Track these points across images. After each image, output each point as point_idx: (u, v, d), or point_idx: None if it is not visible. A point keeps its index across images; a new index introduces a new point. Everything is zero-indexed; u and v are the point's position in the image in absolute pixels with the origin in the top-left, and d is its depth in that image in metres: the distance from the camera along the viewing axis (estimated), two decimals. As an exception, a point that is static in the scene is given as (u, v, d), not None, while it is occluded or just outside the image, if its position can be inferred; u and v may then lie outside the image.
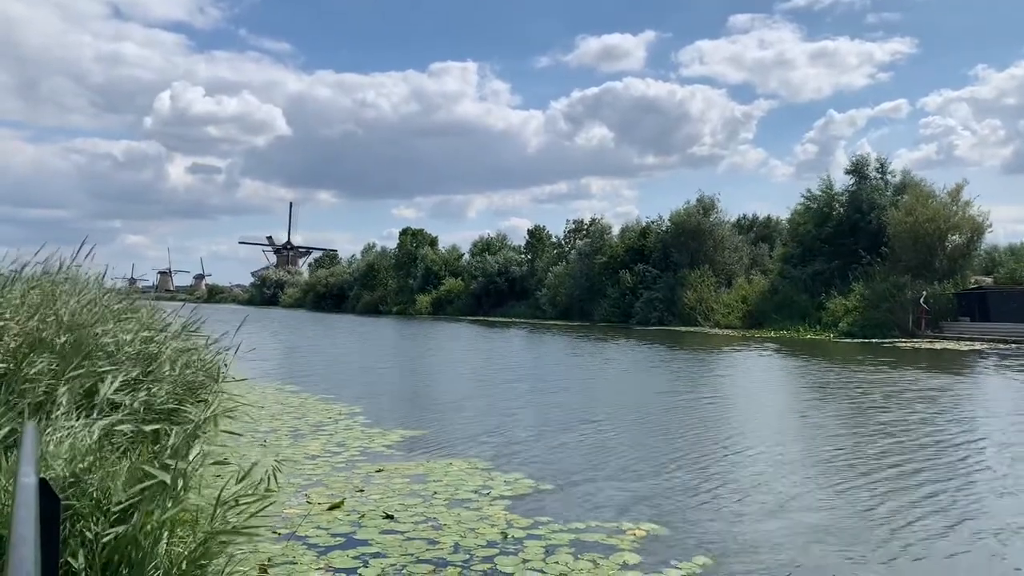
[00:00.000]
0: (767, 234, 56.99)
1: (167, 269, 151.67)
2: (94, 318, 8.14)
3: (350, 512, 6.86)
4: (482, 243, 74.87)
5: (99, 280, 10.21)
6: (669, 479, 8.43)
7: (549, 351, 29.89)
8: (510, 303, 64.85)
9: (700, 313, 46.30)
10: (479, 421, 12.23)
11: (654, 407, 14.00)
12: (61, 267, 9.41)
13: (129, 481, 4.35)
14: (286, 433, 10.75)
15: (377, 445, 10.08)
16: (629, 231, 56.88)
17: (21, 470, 1.92)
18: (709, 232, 51.03)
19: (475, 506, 7.17)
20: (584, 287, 55.26)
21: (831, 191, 46.23)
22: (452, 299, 69.93)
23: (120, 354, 8.20)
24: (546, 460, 9.36)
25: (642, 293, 50.60)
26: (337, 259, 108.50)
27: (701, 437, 11.00)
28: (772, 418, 13.25)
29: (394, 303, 76.09)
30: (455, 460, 9.19)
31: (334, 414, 12.59)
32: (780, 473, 8.82)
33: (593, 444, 10.42)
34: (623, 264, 53.17)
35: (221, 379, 9.01)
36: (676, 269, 50.02)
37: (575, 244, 61.65)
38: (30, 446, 2.25)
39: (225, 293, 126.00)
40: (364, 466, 8.78)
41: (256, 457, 8.60)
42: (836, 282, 41.89)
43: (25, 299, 7.73)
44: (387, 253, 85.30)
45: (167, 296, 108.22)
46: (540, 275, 61.70)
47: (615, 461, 9.33)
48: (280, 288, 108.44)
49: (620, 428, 11.77)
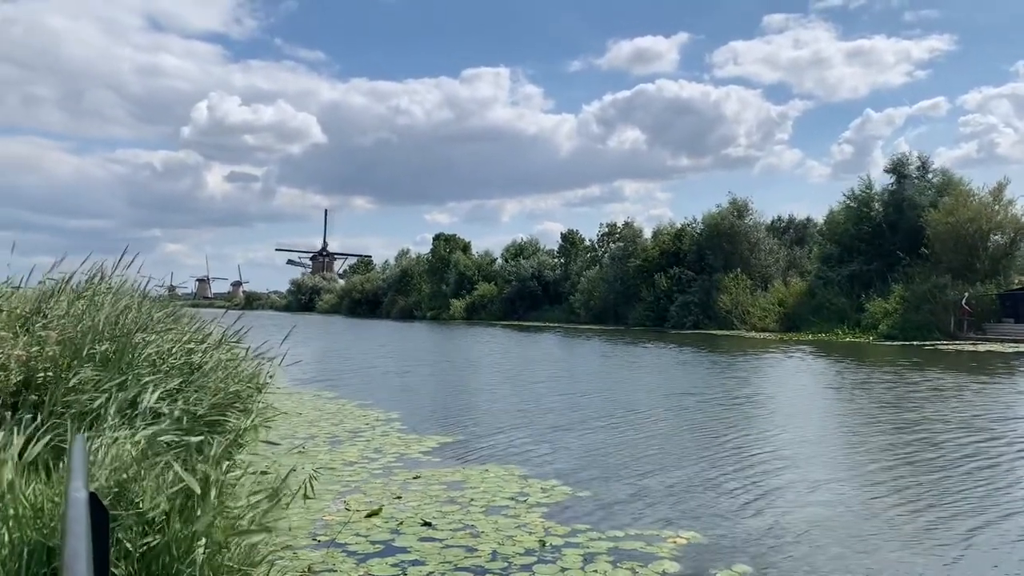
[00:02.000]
0: (803, 236, 56.31)
1: (205, 276, 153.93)
2: (135, 327, 8.28)
3: (388, 519, 6.89)
4: (515, 247, 75.01)
5: (142, 290, 10.39)
6: (709, 485, 8.34)
7: (583, 355, 29.80)
8: (543, 307, 64.82)
9: (736, 316, 45.86)
10: (514, 427, 12.21)
11: (692, 412, 13.88)
12: (104, 277, 9.59)
13: (163, 490, 4.41)
14: (324, 440, 10.83)
15: (413, 451, 10.11)
16: (663, 234, 56.54)
17: (71, 484, 1.95)
18: (744, 234, 50.54)
19: (512, 513, 7.16)
20: (618, 291, 55.05)
21: (870, 191, 45.54)
22: (486, 304, 70.07)
23: (163, 363, 8.34)
24: (583, 466, 9.32)
25: (677, 296, 50.25)
26: (371, 265, 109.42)
27: (740, 443, 10.88)
28: (812, 423, 13.06)
29: (428, 308, 76.44)
30: (491, 466, 9.19)
31: (371, 420, 12.66)
32: (823, 481, 8.68)
33: (630, 450, 10.36)
34: (657, 267, 52.87)
35: (264, 389, 9.10)
36: (711, 272, 49.61)
37: (608, 247, 61.49)
38: (79, 459, 2.28)
39: (262, 299, 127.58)
40: (401, 473, 8.81)
41: (294, 464, 8.68)
42: (875, 284, 41.24)
43: (70, 309, 7.90)
44: (421, 259, 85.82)
45: (205, 303, 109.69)
46: (573, 279, 61.61)
47: (653, 467, 9.26)
48: (316, 294, 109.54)
49: (657, 433, 11.68)
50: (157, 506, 4.30)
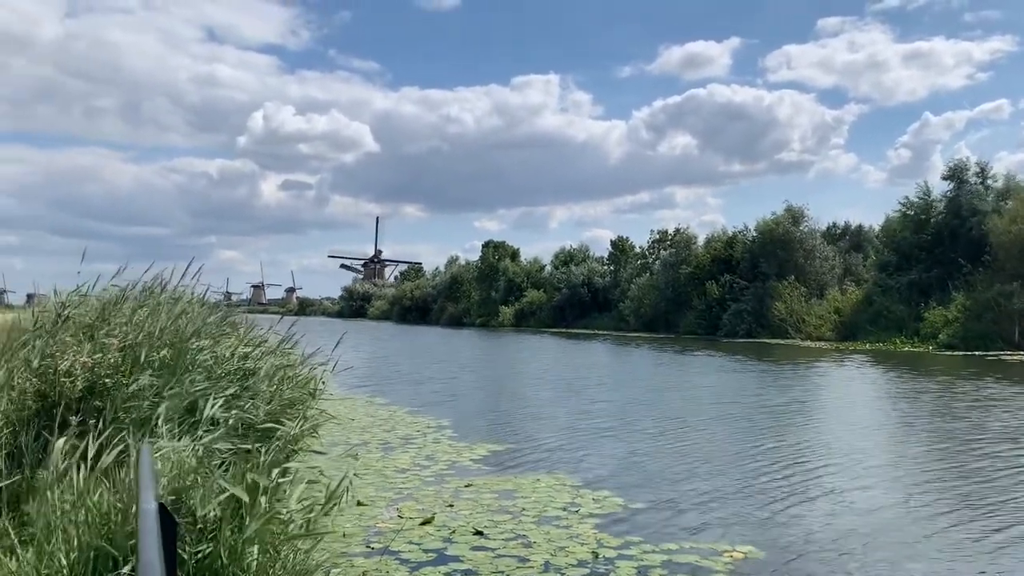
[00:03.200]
0: (859, 243, 55.09)
1: (260, 283, 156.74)
2: (192, 334, 8.45)
3: (441, 527, 6.91)
4: (564, 254, 74.80)
5: (200, 297, 10.60)
6: (765, 498, 8.19)
7: (633, 364, 29.57)
8: (593, 315, 64.48)
9: (791, 325, 45.03)
10: (565, 436, 12.16)
11: (744, 422, 13.65)
12: (165, 285, 9.82)
13: (210, 498, 4.47)
14: (376, 446, 10.92)
15: (465, 459, 10.14)
16: (715, 241, 55.82)
17: (141, 496, 1.97)
18: (799, 242, 49.61)
19: (564, 524, 7.12)
20: (669, 298, 54.48)
21: (929, 197, 44.37)
22: (534, 311, 69.99)
23: (219, 369, 8.49)
24: (635, 477, 9.23)
25: (729, 304, 49.53)
26: (421, 272, 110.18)
27: (797, 455, 10.66)
28: (868, 433, 12.73)
29: (477, 315, 76.66)
30: (542, 476, 9.16)
31: (422, 427, 12.74)
32: (879, 493, 8.46)
33: (683, 460, 10.22)
34: (709, 275, 52.18)
35: (318, 396, 9.21)
36: (764, 280, 48.78)
37: (659, 254, 60.88)
38: (147, 469, 2.32)
39: (315, 306, 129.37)
40: (453, 480, 8.84)
41: (347, 471, 8.76)
42: (935, 292, 40.12)
43: (133, 317, 8.09)
44: (470, 265, 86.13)
45: (260, 309, 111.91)
46: (623, 286, 61.13)
47: (707, 479, 9.13)
48: (367, 301, 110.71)
49: (710, 443, 11.52)
50: (209, 514, 4.37)
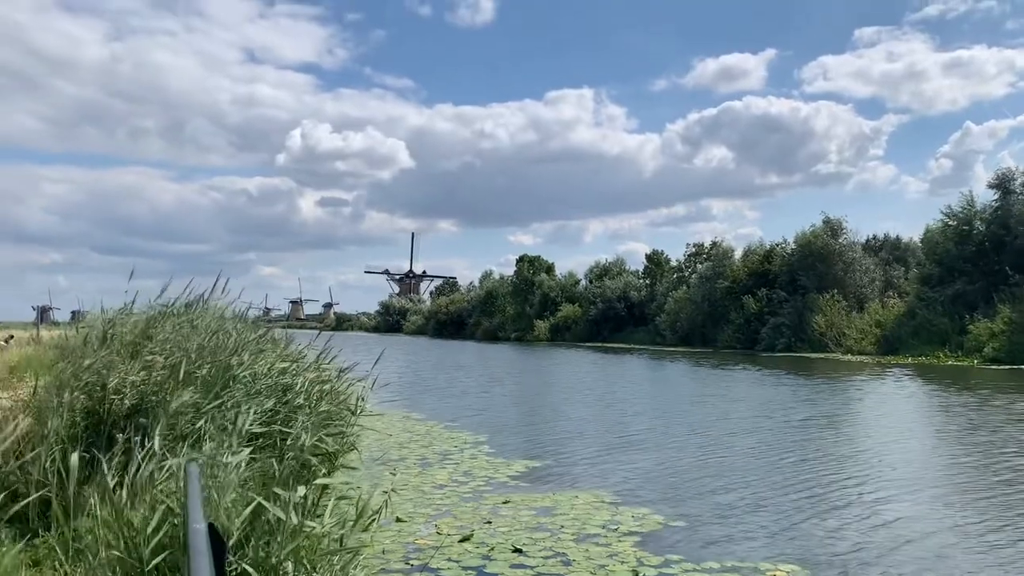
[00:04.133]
0: (900, 255, 54.15)
1: (298, 298, 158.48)
2: (232, 350, 8.56)
3: (479, 544, 6.90)
4: (599, 268, 74.53)
5: (241, 314, 10.76)
6: (807, 515, 8.06)
7: (671, 379, 29.32)
8: (628, 329, 64.15)
9: (831, 339, 44.35)
10: (602, 452, 12.09)
11: (785, 437, 13.45)
12: (206, 303, 9.98)
13: (237, 513, 4.50)
14: (414, 462, 10.96)
15: (502, 475, 10.12)
16: (752, 254, 55.25)
17: (191, 516, 2.00)
18: (838, 254, 48.93)
19: (604, 541, 7.07)
20: (706, 312, 53.99)
21: (972, 208, 43.50)
22: (570, 325, 69.82)
23: (258, 384, 8.59)
24: (674, 493, 9.14)
25: (768, 318, 48.93)
26: (456, 287, 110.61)
27: (838, 471, 10.48)
28: (916, 453, 12.47)
29: (512, 329, 76.68)
30: (580, 492, 9.11)
31: (459, 443, 12.75)
32: (922, 510, 8.27)
33: (723, 476, 10.10)
34: (747, 288, 51.62)
35: (359, 411, 9.27)
36: (804, 293, 48.13)
37: (695, 268, 60.38)
38: (195, 489, 2.35)
39: (352, 321, 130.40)
40: (491, 497, 8.83)
41: (385, 486, 8.80)
42: (980, 304, 39.26)
43: (176, 334, 8.23)
44: (505, 280, 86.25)
45: (298, 325, 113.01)
46: (660, 300, 60.73)
47: (747, 496, 9.00)
48: (403, 316, 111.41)
49: (750, 459, 11.37)
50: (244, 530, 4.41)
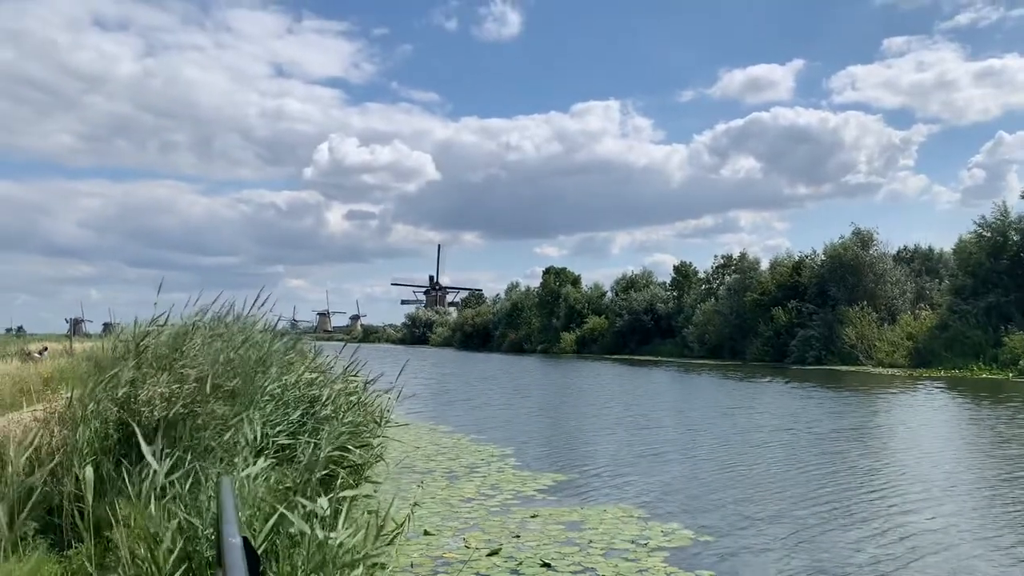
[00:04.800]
0: (932, 266, 53.37)
1: (326, 311, 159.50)
2: (260, 362, 8.62)
3: (508, 559, 6.86)
4: (625, 280, 74.17)
5: (270, 326, 10.83)
6: (837, 530, 7.92)
7: (699, 391, 29.08)
8: (656, 341, 63.76)
9: (861, 351, 43.77)
10: (631, 466, 12.00)
11: (815, 451, 13.26)
12: (238, 315, 10.06)
13: (259, 525, 4.50)
14: (441, 474, 10.94)
15: (529, 489, 10.07)
16: (781, 265, 54.72)
17: (225, 529, 2.00)
18: (869, 266, 48.33)
19: (633, 557, 7.00)
20: (734, 324, 53.52)
21: (1006, 218, 42.81)
22: (596, 337, 69.54)
23: (286, 396, 8.64)
24: (703, 508, 9.04)
25: (797, 330, 48.39)
26: (482, 299, 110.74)
27: (868, 485, 10.30)
28: (944, 466, 12.22)
29: (538, 342, 76.54)
30: (609, 507, 9.04)
31: (486, 456, 12.72)
32: (952, 525, 8.10)
33: (752, 491, 9.97)
34: (776, 300, 51.11)
35: (384, 423, 9.29)
36: (834, 305, 47.57)
37: (723, 280, 59.90)
38: (229, 502, 2.35)
39: (379, 333, 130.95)
40: (519, 511, 8.78)
41: (412, 499, 8.78)
42: (1015, 316, 38.58)
43: (206, 347, 8.30)
44: (530, 292, 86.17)
45: (325, 336, 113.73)
46: (687, 312, 60.30)
47: (777, 509, 8.87)
48: (429, 328, 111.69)
49: (780, 473, 11.21)
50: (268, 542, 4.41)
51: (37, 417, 6.82)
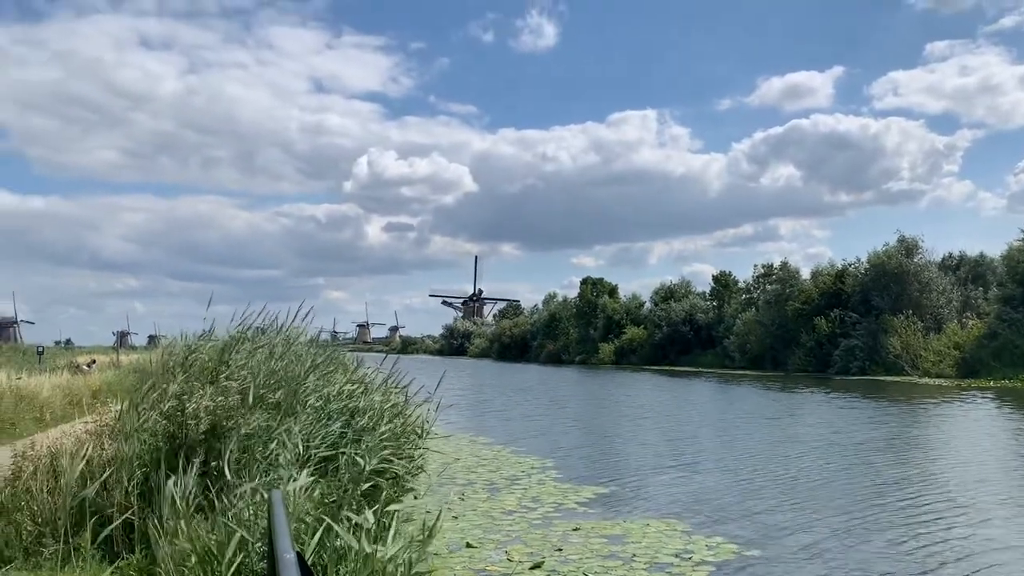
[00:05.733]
0: (979, 273, 52.18)
1: (365, 322, 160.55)
2: (303, 375, 8.68)
3: (551, 572, 6.82)
4: (664, 290, 73.60)
5: (310, 337, 10.92)
6: (885, 547, 7.74)
7: (740, 404, 28.72)
8: (696, 352, 63.14)
9: (906, 361, 42.90)
10: (672, 478, 11.88)
11: (860, 464, 13.00)
12: (279, 329, 10.16)
13: (304, 538, 4.52)
14: (482, 487, 10.93)
15: (570, 502, 10.01)
16: (822, 274, 53.93)
17: (279, 544, 2.01)
18: (913, 274, 47.41)
19: (677, 571, 6.92)
20: (775, 335, 52.78)
21: (1056, 224, 41.70)
22: (635, 348, 69.08)
23: (327, 408, 8.69)
24: (747, 522, 8.90)
25: (840, 340, 47.59)
26: (520, 309, 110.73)
27: (914, 498, 10.06)
28: (992, 479, 11.89)
29: (576, 352, 76.27)
30: (652, 520, 8.95)
31: (527, 468, 12.68)
32: (1002, 537, 7.87)
33: (797, 504, 9.80)
34: (817, 310, 50.32)
35: (425, 435, 9.31)
36: (877, 314, 46.71)
37: (764, 289, 59.17)
38: (281, 516, 2.37)
39: (417, 344, 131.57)
40: (560, 524, 8.73)
41: (454, 511, 8.79)
42: (1068, 325, 37.55)
43: (249, 360, 8.40)
44: (568, 303, 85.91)
45: (365, 348, 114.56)
46: (727, 322, 59.64)
47: (823, 522, 8.70)
48: (467, 339, 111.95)
49: (825, 486, 11.01)
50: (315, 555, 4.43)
51: (88, 430, 6.96)
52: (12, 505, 6.15)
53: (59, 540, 5.48)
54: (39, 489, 6.19)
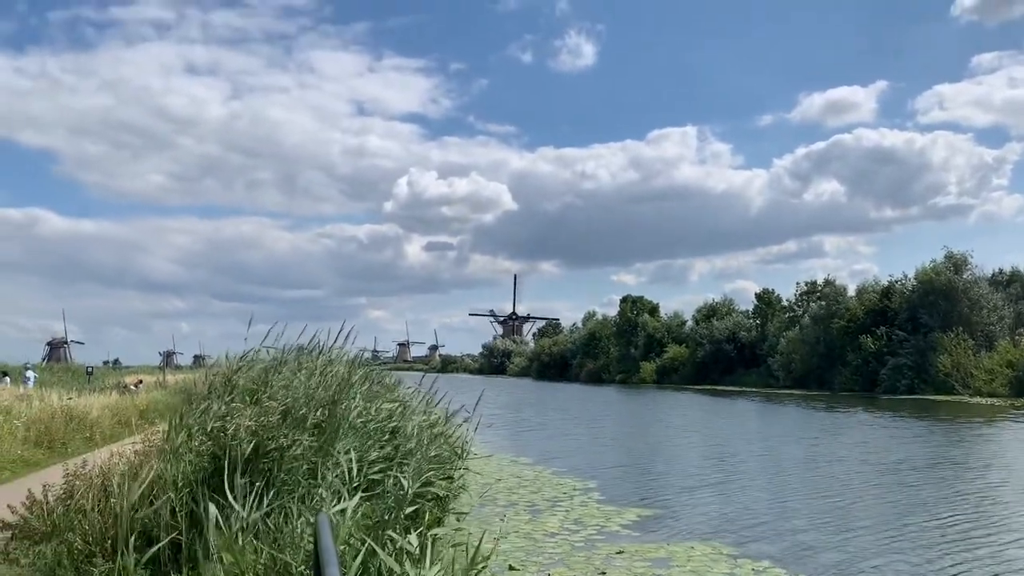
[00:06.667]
0: (1033, 289, 50.83)
1: (405, 341, 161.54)
2: (346, 396, 8.73)
3: (594, 597, 6.74)
4: (706, 308, 72.90)
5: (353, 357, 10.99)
6: (932, 567, 7.51)
7: (786, 424, 28.23)
8: (739, 371, 62.27)
9: (957, 380, 41.83)
10: (716, 501, 11.69)
11: (912, 488, 12.66)
12: (321, 349, 10.24)
13: (363, 564, 4.51)
14: (524, 508, 10.87)
15: (614, 524, 9.90)
16: (868, 292, 52.97)
17: (327, 571, 2.01)
18: (963, 291, 46.34)
19: (724, 597, 6.78)
20: (820, 353, 51.87)
21: (1113, 239, 40.52)
22: (676, 367, 68.37)
23: (370, 429, 8.72)
24: (795, 546, 8.71)
25: (887, 359, 46.61)
26: (559, 328, 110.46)
27: (968, 524, 9.76)
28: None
29: (616, 371, 75.73)
30: (696, 543, 8.80)
31: (568, 489, 12.58)
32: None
33: (845, 528, 9.57)
34: (864, 327, 49.39)
35: (465, 456, 9.31)
36: (926, 332, 45.68)
37: (808, 307, 58.24)
38: (328, 541, 2.37)
39: (456, 363, 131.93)
40: (603, 547, 8.64)
41: (496, 532, 8.73)
42: None
43: (292, 380, 8.47)
44: (608, 321, 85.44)
45: (405, 367, 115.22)
46: (771, 341, 58.78)
47: (874, 549, 8.48)
48: (507, 357, 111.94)
49: (874, 510, 10.74)
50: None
51: (137, 450, 7.07)
52: (64, 524, 6.27)
53: (108, 559, 5.56)
54: (91, 509, 6.30)
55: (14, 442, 13.07)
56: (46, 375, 42.30)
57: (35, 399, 17.49)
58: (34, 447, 13.46)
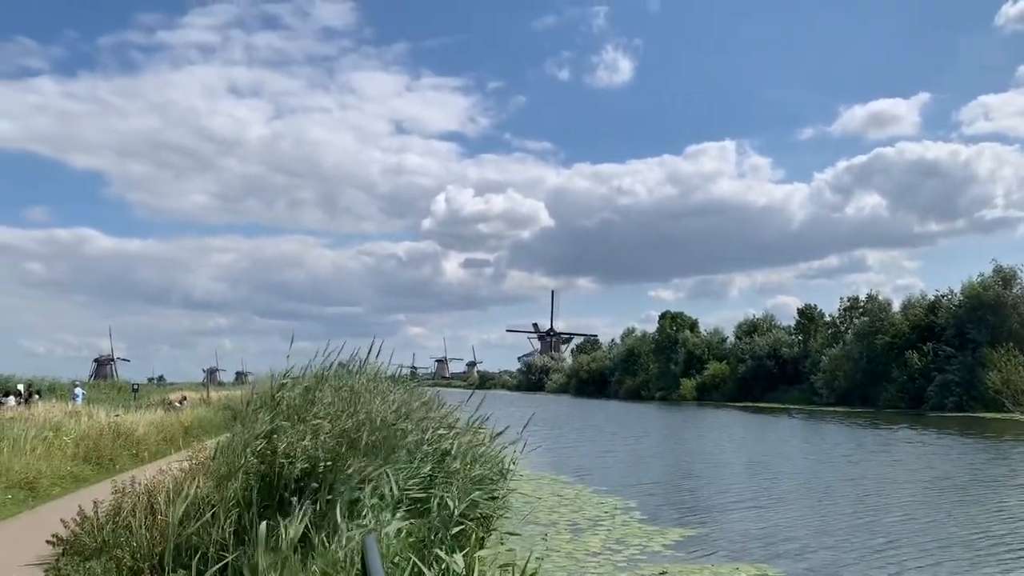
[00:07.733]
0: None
1: (443, 357, 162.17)
2: (399, 418, 8.75)
3: (638, 619, 6.65)
4: (748, 324, 71.99)
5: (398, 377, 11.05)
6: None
7: (830, 443, 27.70)
8: (781, 388, 61.28)
9: (1008, 397, 40.69)
10: (761, 521, 11.49)
11: (959, 508, 12.32)
12: (363, 364, 10.30)
13: None
14: (565, 527, 10.79)
15: (656, 544, 9.79)
16: (914, 307, 51.91)
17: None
18: (1012, 305, 45.19)
19: (772, 620, 6.65)
20: (864, 370, 50.87)
21: None
22: (717, 384, 67.55)
23: (418, 450, 8.73)
24: (840, 568, 8.52)
25: (934, 375, 45.57)
26: (597, 344, 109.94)
27: (1004, 541, 9.47)
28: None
29: (656, 388, 75.03)
30: (742, 565, 8.66)
31: (609, 508, 12.47)
32: None
33: (897, 552, 9.34)
34: (909, 343, 48.38)
35: (509, 476, 9.28)
36: (974, 347, 44.61)
37: (851, 323, 57.22)
38: (376, 562, 2.37)
39: (495, 379, 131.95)
40: (647, 567, 8.54)
41: (539, 552, 8.67)
42: None
43: (335, 397, 8.52)
44: (647, 337, 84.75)
45: (444, 383, 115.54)
46: (814, 357, 57.80)
47: (923, 573, 8.26)
48: (545, 374, 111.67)
49: (924, 532, 10.46)
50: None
51: (183, 468, 7.16)
52: (113, 541, 6.37)
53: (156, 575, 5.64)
54: (138, 526, 6.40)
55: (64, 458, 13.34)
56: (93, 392, 43.26)
57: (84, 416, 17.85)
58: (83, 463, 13.73)
